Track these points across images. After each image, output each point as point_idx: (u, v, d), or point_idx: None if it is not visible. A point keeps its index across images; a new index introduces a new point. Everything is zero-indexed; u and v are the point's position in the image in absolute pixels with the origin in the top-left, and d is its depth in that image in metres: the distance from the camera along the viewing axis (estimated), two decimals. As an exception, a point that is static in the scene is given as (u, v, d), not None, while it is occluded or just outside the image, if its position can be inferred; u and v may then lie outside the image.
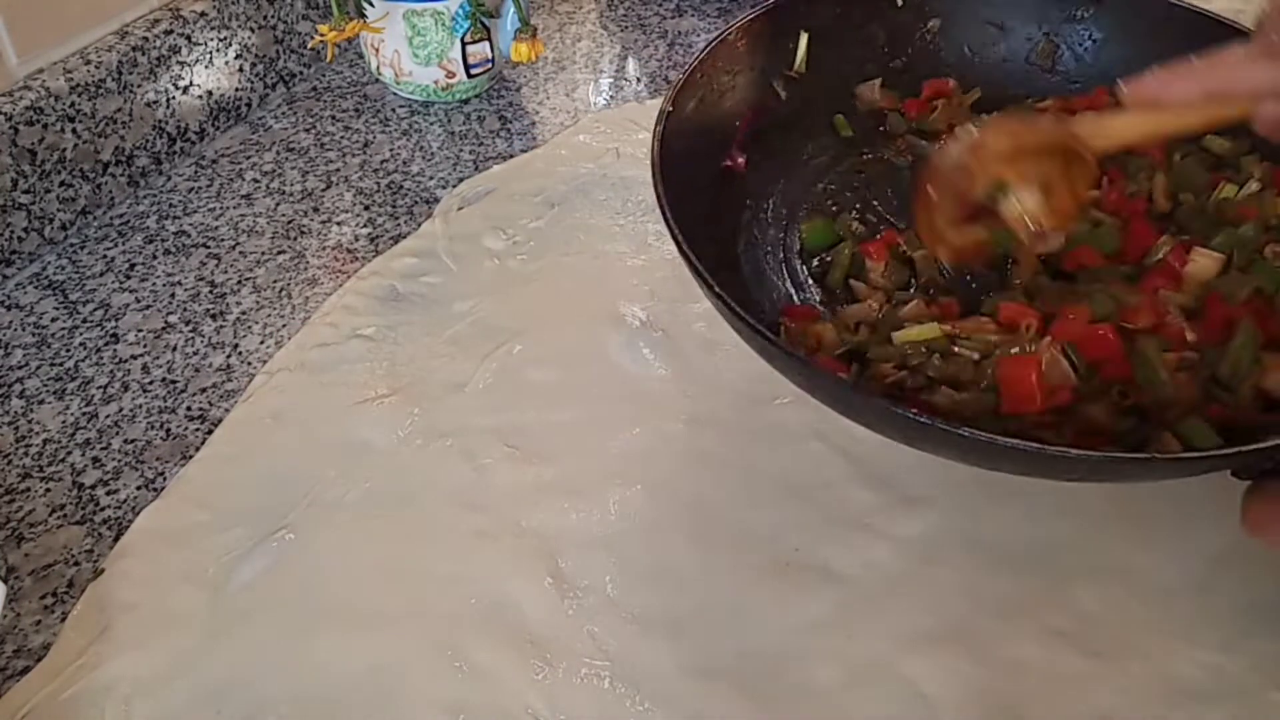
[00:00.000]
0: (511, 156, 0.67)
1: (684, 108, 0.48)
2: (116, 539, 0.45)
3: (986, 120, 0.50)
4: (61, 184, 0.60)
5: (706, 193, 0.46)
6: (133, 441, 0.49)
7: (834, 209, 0.54)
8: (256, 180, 0.66)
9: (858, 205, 0.54)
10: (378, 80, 0.74)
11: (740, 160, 0.52)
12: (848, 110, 0.57)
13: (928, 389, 0.42)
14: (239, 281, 0.58)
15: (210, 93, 0.68)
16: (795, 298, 0.49)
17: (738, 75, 0.53)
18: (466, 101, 0.73)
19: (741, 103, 0.53)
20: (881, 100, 0.58)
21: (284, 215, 0.63)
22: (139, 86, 0.63)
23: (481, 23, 0.69)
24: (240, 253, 0.60)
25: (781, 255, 0.51)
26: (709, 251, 0.42)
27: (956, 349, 0.43)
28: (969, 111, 0.57)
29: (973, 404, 0.41)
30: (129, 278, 0.59)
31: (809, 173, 0.55)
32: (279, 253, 0.60)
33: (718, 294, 0.39)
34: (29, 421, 0.50)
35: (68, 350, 0.54)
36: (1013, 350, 0.41)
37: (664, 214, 0.42)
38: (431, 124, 0.71)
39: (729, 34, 0.51)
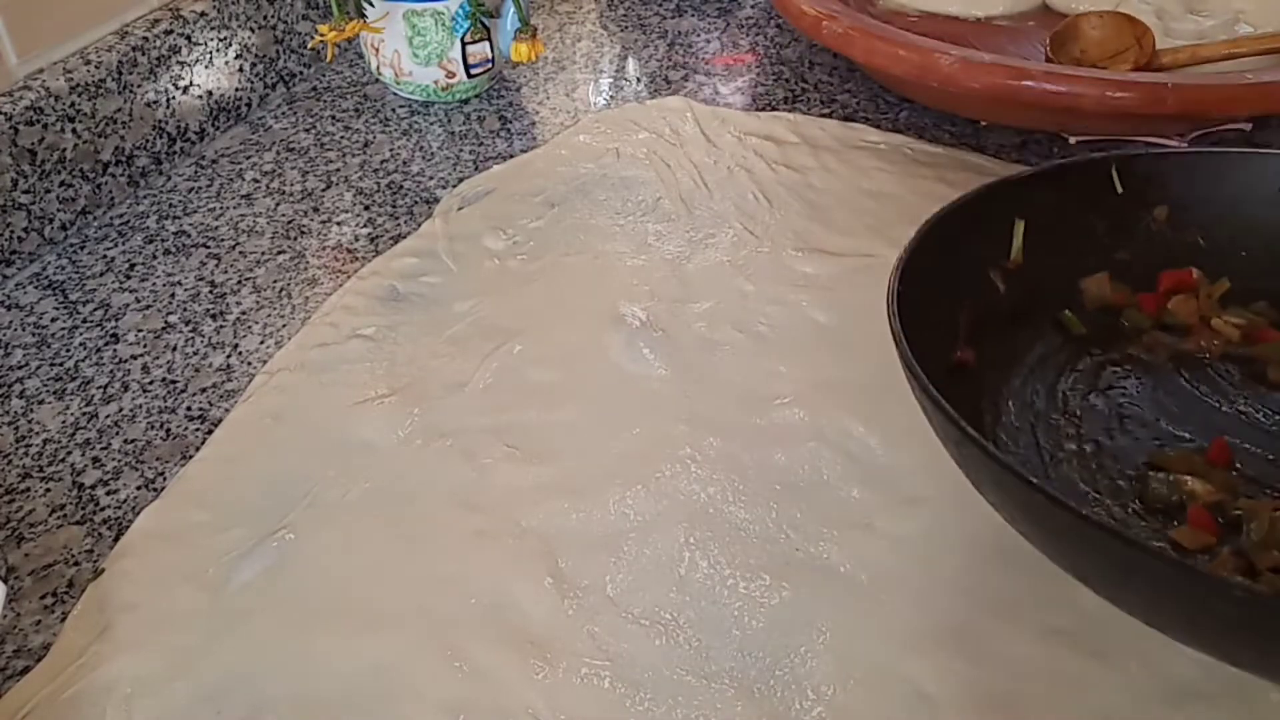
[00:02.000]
0: (511, 156, 0.67)
1: (911, 294, 0.43)
2: (116, 539, 0.45)
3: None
4: (61, 184, 0.60)
5: (940, 390, 0.40)
6: (133, 441, 0.49)
7: (1095, 418, 0.48)
8: (256, 180, 0.66)
9: (1123, 415, 0.48)
10: (378, 80, 0.74)
11: (969, 355, 0.48)
12: (1074, 305, 0.51)
13: None
14: (239, 281, 0.58)
15: (210, 93, 0.68)
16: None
17: (956, 259, 0.48)
18: (466, 101, 0.73)
19: (960, 292, 0.48)
20: (1112, 295, 0.51)
21: (284, 215, 0.63)
22: (139, 86, 0.63)
23: (481, 23, 0.69)
24: (240, 253, 0.60)
25: (1045, 469, 0.45)
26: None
27: None
28: (1218, 305, 0.51)
29: None
30: (129, 278, 0.59)
31: (1046, 371, 0.50)
32: (279, 253, 0.60)
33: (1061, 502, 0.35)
34: (29, 421, 0.50)
35: (68, 350, 0.54)
36: None
37: (948, 415, 0.38)
38: (431, 124, 0.71)
39: (945, 214, 0.47)
